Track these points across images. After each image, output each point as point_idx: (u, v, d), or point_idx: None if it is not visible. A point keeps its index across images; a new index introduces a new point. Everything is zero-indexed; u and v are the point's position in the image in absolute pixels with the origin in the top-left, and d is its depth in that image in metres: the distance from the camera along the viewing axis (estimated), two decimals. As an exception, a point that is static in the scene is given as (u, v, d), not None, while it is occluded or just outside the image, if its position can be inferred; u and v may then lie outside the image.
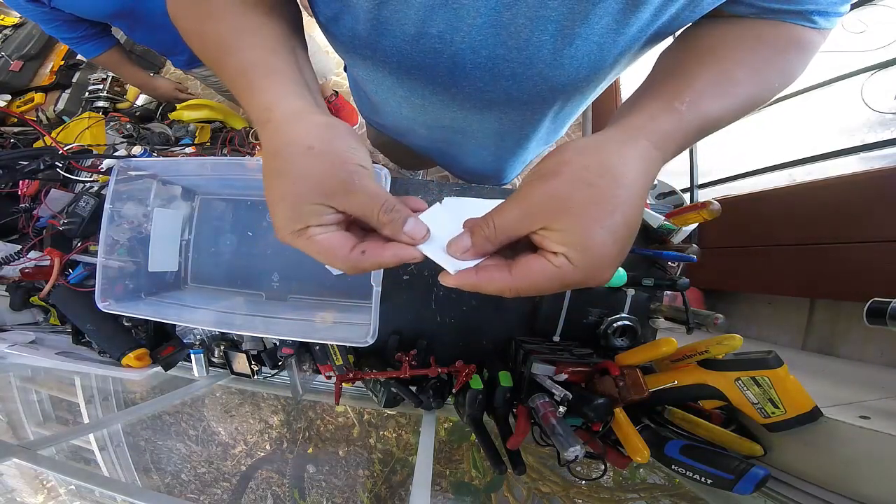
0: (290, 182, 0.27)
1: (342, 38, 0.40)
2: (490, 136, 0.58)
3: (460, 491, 1.10)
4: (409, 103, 0.51)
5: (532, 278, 0.26)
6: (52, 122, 1.74)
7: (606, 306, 0.71)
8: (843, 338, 1.15)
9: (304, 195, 0.27)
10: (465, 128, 0.56)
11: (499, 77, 0.41)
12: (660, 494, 0.87)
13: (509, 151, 0.65)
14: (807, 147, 1.26)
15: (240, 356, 0.83)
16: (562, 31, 0.34)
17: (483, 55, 0.38)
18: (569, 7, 0.32)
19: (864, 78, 1.15)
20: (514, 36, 0.35)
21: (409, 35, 0.37)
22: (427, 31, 0.36)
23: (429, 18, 0.35)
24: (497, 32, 0.35)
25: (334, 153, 0.27)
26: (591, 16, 0.32)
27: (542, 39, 0.35)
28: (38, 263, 0.81)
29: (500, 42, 0.36)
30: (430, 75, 0.42)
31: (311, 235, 0.28)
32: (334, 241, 0.28)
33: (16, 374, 1.16)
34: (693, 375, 0.57)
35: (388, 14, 0.35)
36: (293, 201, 0.27)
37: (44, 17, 1.06)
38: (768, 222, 1.29)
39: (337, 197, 0.27)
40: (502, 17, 0.34)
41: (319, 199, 0.27)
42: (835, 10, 0.34)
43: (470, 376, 0.68)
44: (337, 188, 0.27)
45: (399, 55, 0.40)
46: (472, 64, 0.39)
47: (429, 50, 0.38)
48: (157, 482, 1.20)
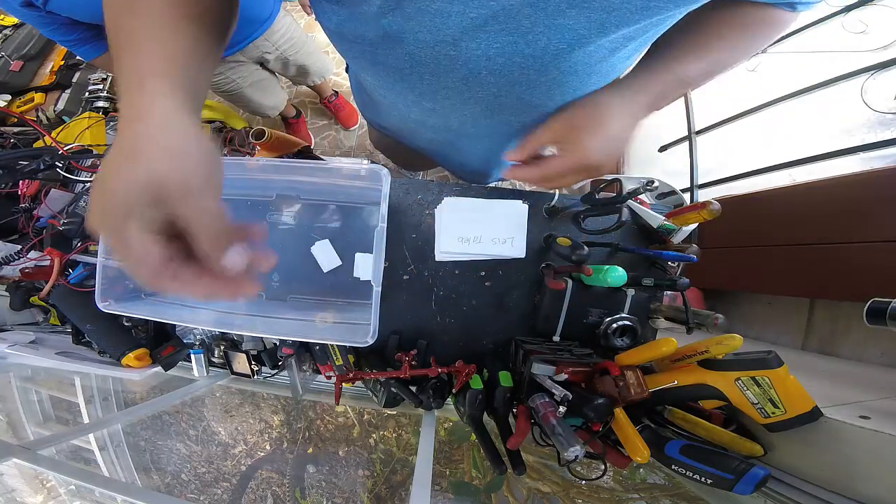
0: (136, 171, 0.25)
1: (351, 44, 0.40)
2: (498, 138, 0.59)
3: (460, 491, 1.10)
4: (418, 107, 0.51)
5: (552, 164, 0.43)
6: (52, 122, 1.74)
7: (606, 306, 0.71)
8: (843, 338, 1.15)
9: (145, 187, 0.25)
10: (475, 131, 0.56)
11: (513, 83, 0.41)
12: (660, 494, 0.87)
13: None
14: (807, 147, 1.26)
15: (240, 356, 0.83)
16: (578, 40, 0.35)
17: (499, 62, 0.38)
18: (586, 16, 0.33)
19: (864, 78, 1.15)
20: (532, 44, 0.36)
21: (422, 42, 0.37)
22: (443, 38, 0.36)
23: (446, 25, 0.35)
24: (514, 40, 0.36)
25: (193, 160, 0.27)
26: (605, 24, 0.33)
27: (558, 48, 0.36)
28: (38, 263, 0.81)
29: (517, 50, 0.37)
30: (443, 81, 0.42)
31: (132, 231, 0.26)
32: (152, 248, 0.26)
33: (16, 374, 1.16)
34: (693, 375, 0.57)
35: (402, 20, 0.35)
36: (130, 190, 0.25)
37: (40, 20, 1.06)
38: (768, 222, 1.29)
39: (176, 201, 0.26)
40: (521, 24, 0.34)
41: (159, 195, 0.26)
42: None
43: (470, 376, 0.68)
44: (181, 192, 0.26)
45: (410, 61, 0.40)
46: (486, 70, 0.39)
47: (442, 57, 0.38)
48: (157, 482, 1.20)
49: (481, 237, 0.75)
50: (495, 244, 0.75)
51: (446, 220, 0.76)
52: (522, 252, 0.75)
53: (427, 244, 0.78)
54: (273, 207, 0.84)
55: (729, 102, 1.51)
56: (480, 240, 0.75)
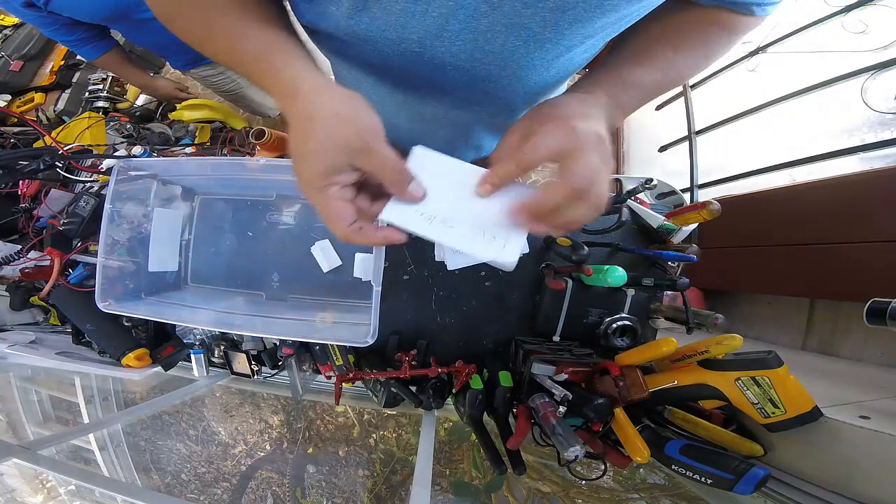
0: (320, 142, 0.31)
1: (323, 39, 0.42)
2: (471, 129, 0.61)
3: (460, 491, 1.10)
4: (391, 99, 0.53)
5: (546, 195, 0.34)
6: (52, 122, 1.74)
7: (606, 306, 0.71)
8: (843, 338, 1.15)
9: (331, 152, 0.31)
10: (447, 122, 0.58)
11: (476, 79, 0.43)
12: (660, 494, 0.87)
13: (492, 144, 0.66)
14: (807, 147, 1.26)
15: (240, 356, 0.83)
16: (534, 38, 0.37)
17: (462, 59, 0.40)
18: (541, 16, 0.34)
19: (864, 78, 1.15)
20: (491, 41, 0.38)
21: (389, 40, 0.38)
22: (408, 36, 0.38)
23: (409, 25, 0.36)
24: (475, 38, 0.37)
25: (358, 119, 0.32)
26: (559, 22, 0.35)
27: (515, 45, 0.38)
28: (38, 263, 0.81)
29: (478, 47, 0.38)
30: (410, 76, 0.45)
31: (331, 193, 0.32)
32: (343, 210, 0.33)
33: (16, 374, 1.16)
34: (693, 375, 0.57)
35: (369, 20, 0.36)
36: (322, 158, 0.31)
37: (41, 20, 1.06)
38: (768, 222, 1.29)
39: (358, 156, 0.32)
40: (480, 24, 0.36)
41: (344, 157, 0.31)
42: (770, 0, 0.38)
43: (470, 376, 0.68)
44: (359, 148, 0.31)
45: (380, 57, 0.41)
46: (451, 66, 0.41)
47: (409, 54, 0.40)
48: (157, 482, 1.20)
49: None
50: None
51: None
52: (521, 252, 0.75)
53: (427, 244, 0.78)
54: (273, 207, 0.84)
55: (729, 102, 1.51)
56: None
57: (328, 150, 0.31)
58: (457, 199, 0.36)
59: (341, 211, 0.33)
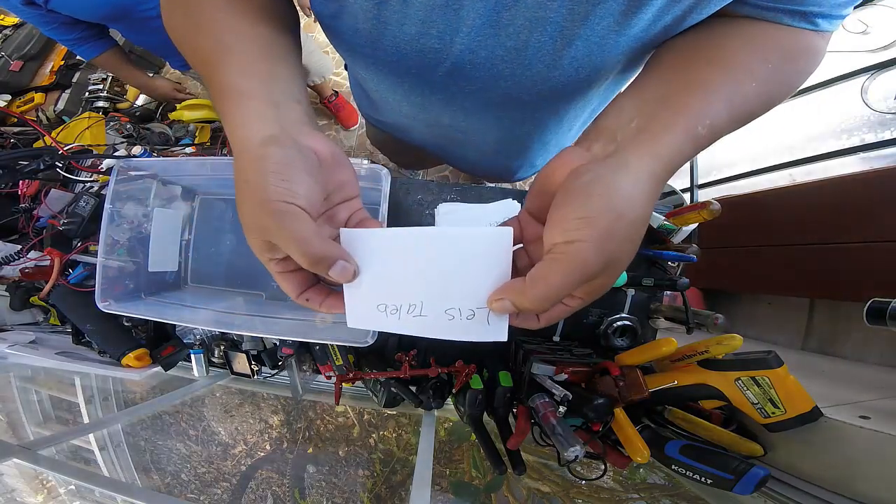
0: (246, 226, 0.28)
1: (343, 37, 0.41)
2: (491, 134, 0.58)
3: (460, 491, 1.10)
4: (408, 101, 0.51)
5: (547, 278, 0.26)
6: (52, 122, 1.74)
7: (606, 306, 0.71)
8: (843, 338, 1.15)
9: (250, 228, 0.27)
10: (466, 126, 0.56)
11: (498, 78, 0.41)
12: (660, 494, 0.87)
13: (514, 151, 0.65)
14: (807, 147, 1.26)
15: (240, 356, 0.83)
16: (561, 33, 0.34)
17: (482, 56, 0.38)
18: (568, 8, 0.32)
19: (864, 78, 1.15)
20: (513, 37, 0.35)
21: (408, 35, 0.37)
22: (427, 31, 0.36)
23: (429, 18, 0.35)
24: (496, 33, 0.35)
25: (262, 190, 0.26)
26: (591, 17, 0.32)
27: (541, 41, 0.35)
28: (38, 263, 0.81)
29: (499, 43, 0.36)
30: (429, 75, 0.43)
31: (271, 268, 0.30)
32: (286, 283, 0.31)
33: (16, 374, 1.16)
34: (693, 375, 0.57)
35: (389, 14, 0.35)
36: (251, 238, 0.28)
37: (41, 19, 1.06)
38: (768, 222, 1.29)
39: (270, 235, 0.26)
40: (501, 18, 0.34)
41: (260, 234, 0.27)
42: (837, 12, 0.32)
43: (470, 376, 0.68)
44: (268, 227, 0.26)
45: (399, 54, 0.40)
46: (470, 64, 0.39)
47: (428, 50, 0.38)
48: (157, 482, 1.20)
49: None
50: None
51: (445, 223, 0.76)
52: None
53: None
54: (273, 207, 0.84)
55: (729, 102, 1.50)
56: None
57: (247, 227, 0.28)
58: (415, 279, 0.29)
59: (285, 284, 0.31)
